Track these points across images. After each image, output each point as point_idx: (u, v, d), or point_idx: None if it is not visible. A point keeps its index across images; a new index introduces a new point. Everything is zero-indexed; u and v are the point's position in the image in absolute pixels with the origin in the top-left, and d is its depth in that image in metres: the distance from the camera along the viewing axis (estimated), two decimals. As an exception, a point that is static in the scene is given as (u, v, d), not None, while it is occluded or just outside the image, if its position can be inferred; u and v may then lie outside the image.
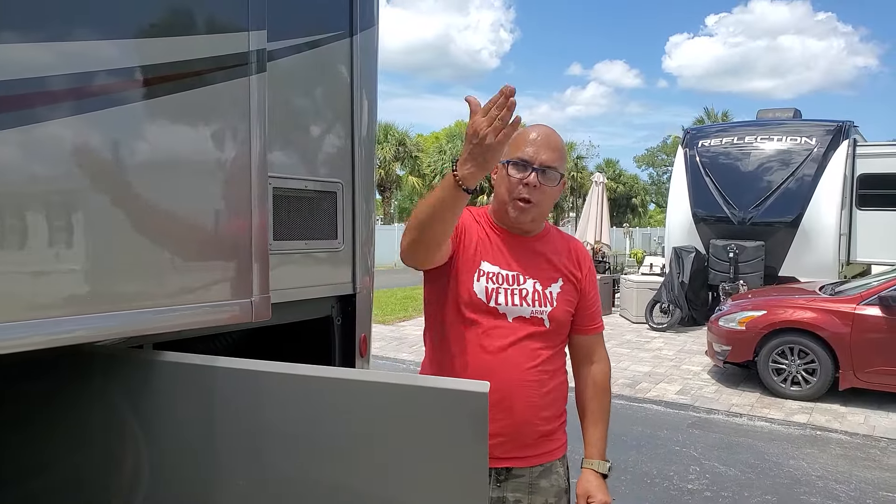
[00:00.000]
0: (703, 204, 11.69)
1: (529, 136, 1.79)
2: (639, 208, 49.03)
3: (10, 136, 1.31)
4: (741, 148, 11.75)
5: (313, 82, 2.49)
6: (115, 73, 1.48)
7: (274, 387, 1.48)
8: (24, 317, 1.36)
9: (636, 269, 16.47)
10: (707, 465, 5.09)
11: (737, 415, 6.45)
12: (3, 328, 1.32)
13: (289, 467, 1.46)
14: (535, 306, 1.81)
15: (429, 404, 1.32)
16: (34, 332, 1.38)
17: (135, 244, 1.54)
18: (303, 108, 2.44)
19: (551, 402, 1.83)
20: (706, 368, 8.35)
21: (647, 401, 6.92)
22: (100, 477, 1.72)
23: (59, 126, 1.40)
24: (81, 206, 1.44)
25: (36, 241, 1.38)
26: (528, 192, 1.76)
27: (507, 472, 1.82)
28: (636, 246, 30.46)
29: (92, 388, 1.71)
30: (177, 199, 1.62)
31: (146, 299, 1.56)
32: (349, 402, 1.39)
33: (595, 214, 14.75)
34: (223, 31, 1.70)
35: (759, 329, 7.13)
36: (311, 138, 2.49)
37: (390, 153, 34.00)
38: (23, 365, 1.72)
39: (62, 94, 1.39)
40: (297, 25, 2.34)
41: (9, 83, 1.32)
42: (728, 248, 11.04)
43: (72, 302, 1.44)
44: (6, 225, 1.33)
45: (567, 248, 1.94)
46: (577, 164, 40.58)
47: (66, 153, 1.41)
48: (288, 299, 2.34)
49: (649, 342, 10.18)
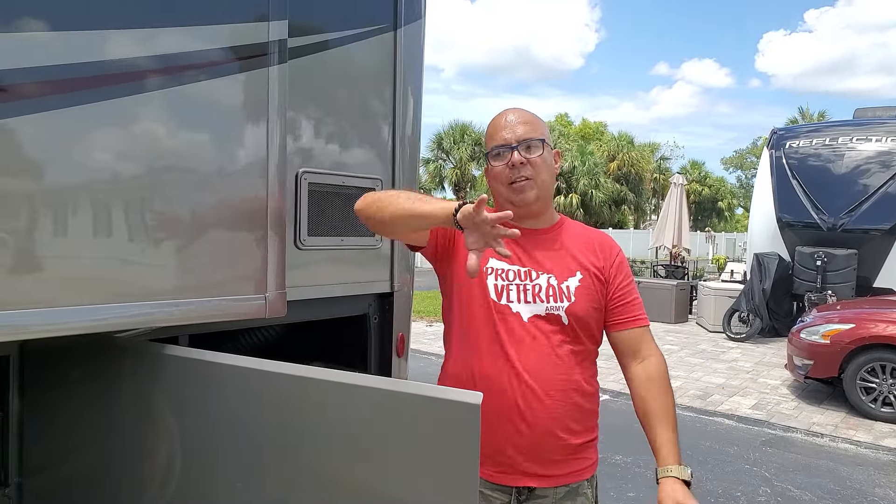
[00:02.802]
0: (790, 209, 11.04)
1: (497, 124, 1.76)
2: (725, 212, 47.17)
3: (27, 125, 1.33)
4: (834, 149, 11.05)
5: (354, 76, 2.44)
6: (126, 63, 1.48)
7: (264, 386, 1.44)
8: (56, 303, 1.41)
9: (717, 275, 15.79)
10: (779, 488, 4.76)
11: (818, 434, 6.03)
12: (35, 314, 1.36)
13: (281, 468, 1.42)
14: (551, 302, 1.67)
15: (420, 412, 1.25)
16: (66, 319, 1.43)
17: (149, 237, 1.55)
18: (342, 103, 2.40)
19: (579, 414, 1.68)
20: (785, 383, 7.87)
21: (718, 414, 6.57)
22: (127, 468, 1.74)
23: (71, 115, 1.40)
24: (98, 199, 1.47)
25: (53, 233, 1.41)
26: (518, 172, 1.69)
27: (529, 492, 1.68)
28: (720, 251, 29.29)
29: (120, 378, 1.73)
30: (189, 192, 1.61)
31: (159, 292, 1.56)
32: (339, 404, 1.34)
33: (673, 217, 14.26)
34: (241, 21, 1.67)
35: (846, 343, 6.65)
36: (350, 134, 2.45)
37: (466, 153, 33.99)
38: (59, 354, 1.76)
39: (73, 83, 1.39)
40: (336, 18, 2.30)
41: (27, 71, 1.34)
42: (815, 256, 10.40)
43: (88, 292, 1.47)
44: (29, 216, 1.36)
45: (589, 239, 1.80)
46: (660, 165, 39.41)
47: (77, 144, 1.42)
48: (322, 295, 2.32)
49: (725, 353, 9.72)
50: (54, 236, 1.41)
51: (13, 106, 1.32)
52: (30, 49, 1.35)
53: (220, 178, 1.66)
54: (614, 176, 34.04)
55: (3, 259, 1.34)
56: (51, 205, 1.40)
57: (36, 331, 1.42)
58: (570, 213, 27.82)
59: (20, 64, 1.33)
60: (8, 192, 1.34)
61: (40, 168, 1.39)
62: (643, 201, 37.12)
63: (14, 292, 1.35)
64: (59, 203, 1.41)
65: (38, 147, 1.37)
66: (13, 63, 1.32)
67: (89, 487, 1.80)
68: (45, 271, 1.40)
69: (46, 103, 1.38)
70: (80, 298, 1.45)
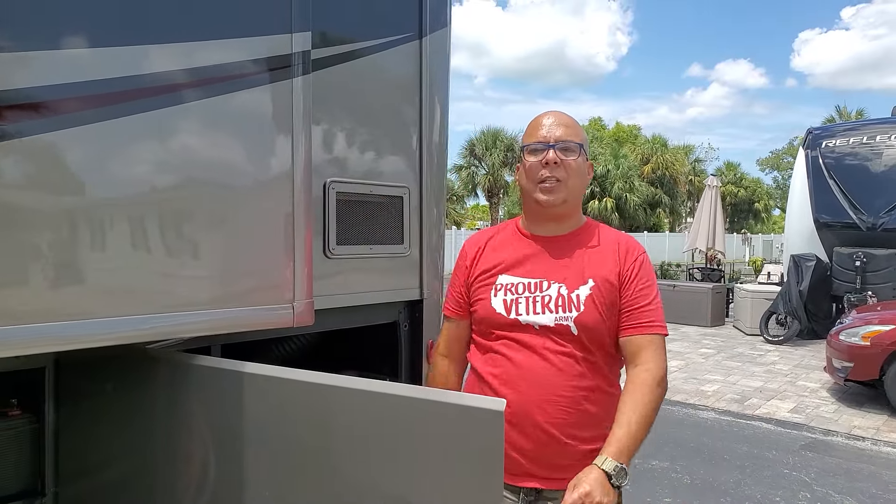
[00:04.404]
0: (827, 209, 10.81)
1: (538, 122, 1.81)
2: (761, 213, 46.23)
3: (49, 142, 1.37)
4: (872, 148, 10.79)
5: (380, 86, 2.47)
6: (151, 78, 1.52)
7: (292, 395, 1.47)
8: (91, 315, 1.43)
9: (754, 277, 15.51)
10: (819, 493, 4.66)
11: (859, 438, 5.88)
12: (56, 327, 1.38)
13: (309, 477, 1.44)
14: (559, 312, 1.69)
15: (444, 419, 1.26)
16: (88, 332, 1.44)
17: (176, 248, 1.57)
18: (368, 112, 2.42)
19: (588, 421, 1.69)
20: (825, 386, 7.69)
21: (756, 418, 6.45)
22: (159, 477, 1.77)
23: (97, 130, 1.44)
24: (125, 211, 1.49)
25: (86, 244, 1.43)
26: (550, 171, 1.74)
27: (537, 494, 1.71)
28: (756, 253, 28.73)
29: (153, 389, 1.76)
30: (216, 203, 1.64)
31: (188, 303, 1.59)
32: (366, 413, 1.36)
33: (708, 220, 14.04)
34: (266, 34, 1.71)
35: (887, 345, 6.49)
36: (376, 142, 2.47)
37: (499, 159, 33.93)
38: (92, 365, 1.81)
39: (97, 99, 1.43)
40: (362, 27, 2.33)
41: (67, 87, 1.38)
42: (854, 257, 10.16)
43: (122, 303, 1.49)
44: (59, 228, 1.39)
45: (610, 242, 1.80)
46: (694, 167, 38.86)
47: (107, 158, 1.45)
48: (352, 304, 2.35)
49: (763, 356, 9.54)
50: (90, 248, 1.43)
51: (53, 121, 1.37)
52: (70, 65, 1.39)
53: (248, 189, 1.69)
54: (649, 179, 33.69)
55: (40, 271, 1.36)
56: (87, 217, 1.43)
57: (71, 342, 1.45)
58: (605, 217, 27.51)
59: (61, 80, 1.38)
60: (45, 204, 1.37)
61: (77, 181, 1.42)
62: (678, 204, 36.65)
63: (50, 304, 1.38)
64: (94, 215, 1.44)
65: (76, 160, 1.41)
66: (54, 79, 1.37)
67: (123, 496, 1.84)
68: (82, 283, 1.43)
69: (84, 117, 1.42)
70: (114, 310, 1.47)
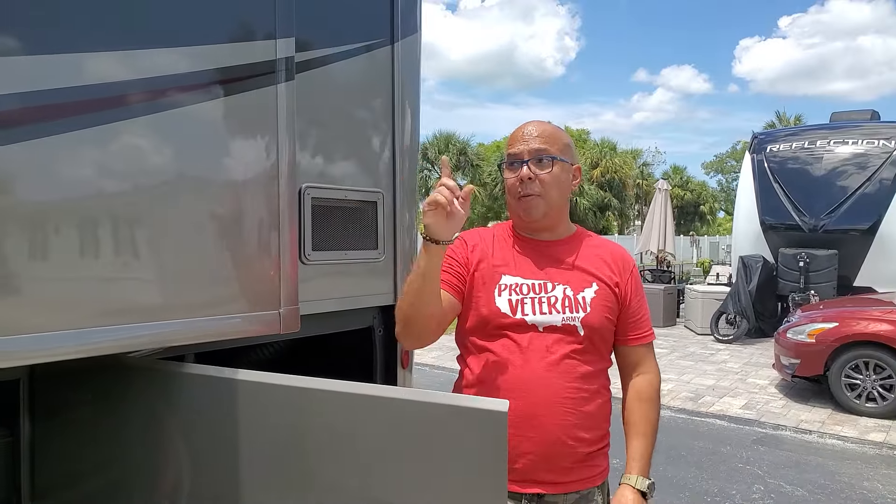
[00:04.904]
0: (772, 211, 11.22)
1: (515, 135, 1.80)
2: (707, 216, 47.49)
3: (34, 149, 1.33)
4: (813, 152, 11.25)
5: (353, 90, 2.47)
6: (136, 84, 1.49)
7: (288, 400, 1.46)
8: (52, 328, 1.37)
9: (703, 278, 15.95)
10: (772, 485, 4.84)
11: (806, 431, 6.13)
12: (30, 339, 1.34)
13: (303, 484, 1.44)
14: (566, 313, 1.70)
15: (447, 422, 1.26)
16: (64, 343, 1.40)
17: (160, 255, 1.55)
18: (342, 117, 2.42)
19: (590, 423, 1.71)
20: (773, 382, 7.98)
21: (710, 415, 6.65)
22: (137, 486, 1.73)
23: (81, 138, 1.41)
24: (105, 218, 1.46)
25: (63, 253, 1.40)
26: (526, 188, 1.74)
27: (539, 499, 1.70)
28: (704, 255, 29.53)
29: (124, 398, 1.73)
30: (202, 209, 1.62)
31: (171, 310, 1.57)
32: (365, 417, 1.36)
33: (658, 222, 14.39)
34: (250, 40, 1.71)
35: (831, 342, 6.77)
36: (350, 147, 2.47)
37: (451, 162, 34.10)
38: (69, 375, 1.76)
39: (82, 105, 1.40)
40: (336, 33, 2.33)
41: (37, 94, 1.35)
42: (798, 257, 10.57)
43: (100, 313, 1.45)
44: (35, 238, 1.35)
45: (606, 251, 1.83)
46: (642, 171, 39.69)
47: (89, 164, 1.42)
48: (328, 309, 2.34)
49: (714, 354, 9.83)
50: (77, 255, 1.40)
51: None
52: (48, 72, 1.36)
53: (235, 194, 1.68)
54: (598, 183, 34.25)
55: (15, 283, 1.32)
56: (66, 226, 1.40)
57: (46, 355, 1.40)
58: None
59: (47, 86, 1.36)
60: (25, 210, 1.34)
61: (65, 186, 1.39)
62: (626, 207, 37.35)
63: (23, 316, 1.33)
64: (73, 224, 1.41)
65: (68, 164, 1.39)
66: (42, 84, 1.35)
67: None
68: (67, 293, 1.40)
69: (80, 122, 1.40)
70: (92, 321, 1.43)
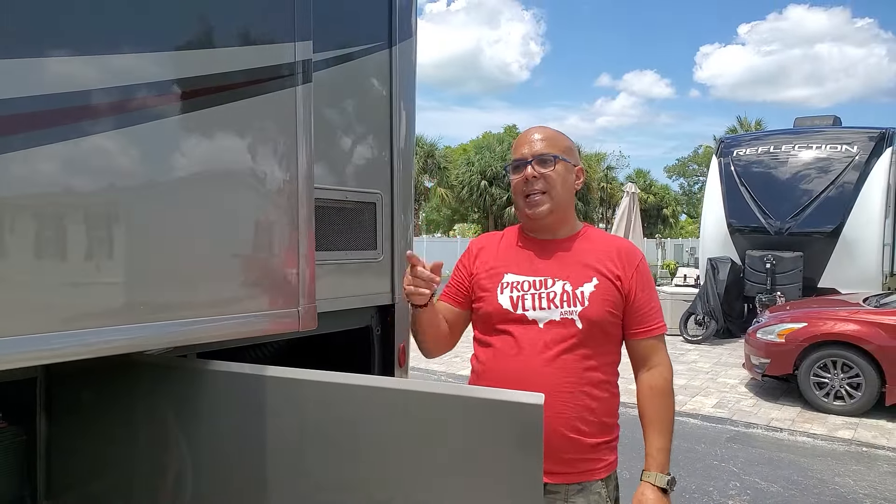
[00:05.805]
0: (739, 214, 11.49)
1: (519, 140, 1.90)
2: (670, 219, 48.37)
3: (55, 151, 1.32)
4: (778, 157, 11.56)
5: (353, 93, 2.49)
6: (160, 86, 1.50)
7: (318, 396, 1.47)
8: (69, 327, 1.36)
9: (669, 280, 16.24)
10: (748, 481, 4.96)
11: (777, 429, 6.29)
12: (46, 338, 1.32)
13: (333, 478, 1.45)
14: (565, 307, 1.76)
15: (481, 416, 1.28)
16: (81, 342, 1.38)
17: (182, 256, 1.55)
18: (342, 120, 2.45)
19: (590, 416, 1.75)
20: (743, 381, 8.17)
21: (684, 414, 6.78)
22: (154, 485, 1.73)
23: (105, 139, 1.41)
24: (127, 219, 1.45)
25: (83, 253, 1.39)
26: (531, 186, 1.82)
27: None
28: (668, 257, 30.07)
29: (141, 395, 1.73)
30: (224, 210, 1.63)
31: (192, 310, 1.57)
32: (401, 412, 1.37)
33: (626, 225, 14.60)
34: (268, 42, 1.72)
35: (800, 342, 6.95)
36: (350, 149, 2.50)
37: (419, 165, 34.14)
38: (82, 374, 1.75)
39: (106, 107, 1.40)
40: (336, 37, 2.35)
41: (52, 97, 1.33)
42: (765, 259, 10.83)
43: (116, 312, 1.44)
44: (54, 237, 1.34)
45: (612, 246, 1.88)
46: (606, 174, 40.25)
47: (110, 166, 1.42)
48: (328, 309, 2.35)
49: (684, 354, 10.01)
50: (87, 257, 1.39)
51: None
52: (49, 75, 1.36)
53: (258, 195, 1.69)
54: (563, 185, 34.53)
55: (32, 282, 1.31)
56: (86, 226, 1.39)
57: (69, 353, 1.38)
58: (523, 222, 27.89)
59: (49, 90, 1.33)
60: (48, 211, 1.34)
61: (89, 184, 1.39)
62: (591, 210, 37.81)
63: (44, 315, 1.32)
64: (100, 224, 1.41)
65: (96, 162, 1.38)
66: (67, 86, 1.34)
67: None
68: (92, 292, 1.39)
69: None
70: (116, 319, 1.42)
